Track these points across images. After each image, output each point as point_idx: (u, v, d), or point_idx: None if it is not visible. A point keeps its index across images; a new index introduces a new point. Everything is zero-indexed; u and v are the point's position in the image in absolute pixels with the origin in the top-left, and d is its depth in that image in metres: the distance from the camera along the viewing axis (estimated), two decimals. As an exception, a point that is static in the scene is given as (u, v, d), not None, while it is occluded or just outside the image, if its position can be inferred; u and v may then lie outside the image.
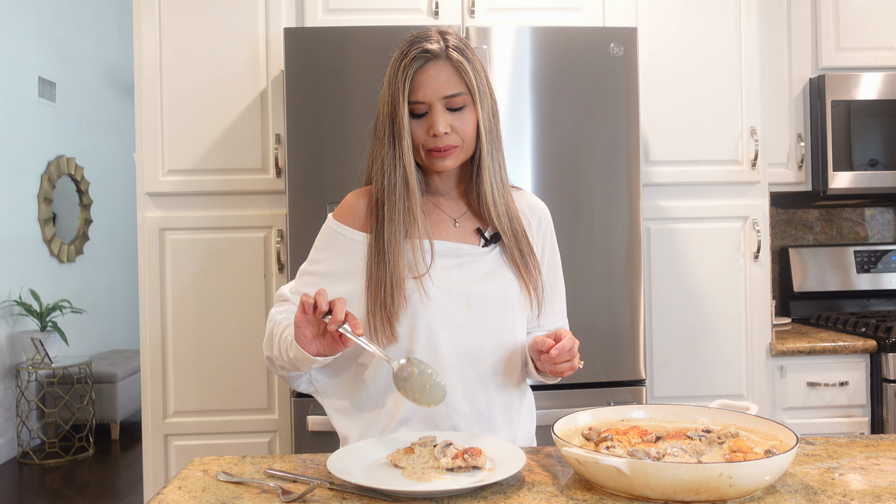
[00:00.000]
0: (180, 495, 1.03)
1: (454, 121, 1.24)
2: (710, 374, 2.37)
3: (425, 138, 1.25)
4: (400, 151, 1.24)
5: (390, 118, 1.25)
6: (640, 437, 1.09)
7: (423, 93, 1.23)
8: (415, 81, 1.23)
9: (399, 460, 1.09)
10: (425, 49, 1.23)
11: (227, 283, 2.29)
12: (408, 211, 1.25)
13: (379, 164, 1.27)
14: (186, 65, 2.28)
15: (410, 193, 1.25)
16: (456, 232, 1.31)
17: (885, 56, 2.73)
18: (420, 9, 2.34)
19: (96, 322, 5.63)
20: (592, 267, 2.11)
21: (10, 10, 4.59)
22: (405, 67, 1.23)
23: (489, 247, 1.31)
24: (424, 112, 1.24)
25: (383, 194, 1.26)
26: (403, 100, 1.23)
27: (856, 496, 0.96)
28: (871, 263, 3.02)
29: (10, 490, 3.99)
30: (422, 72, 1.23)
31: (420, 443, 1.11)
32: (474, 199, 1.32)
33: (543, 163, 2.11)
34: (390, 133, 1.25)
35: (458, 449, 1.08)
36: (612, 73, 2.12)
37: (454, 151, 1.26)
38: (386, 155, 1.25)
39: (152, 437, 2.28)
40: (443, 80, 1.23)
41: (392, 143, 1.25)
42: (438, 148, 1.24)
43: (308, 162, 2.07)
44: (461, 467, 1.06)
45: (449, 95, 1.23)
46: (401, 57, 1.25)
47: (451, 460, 1.06)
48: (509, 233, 1.31)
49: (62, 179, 5.24)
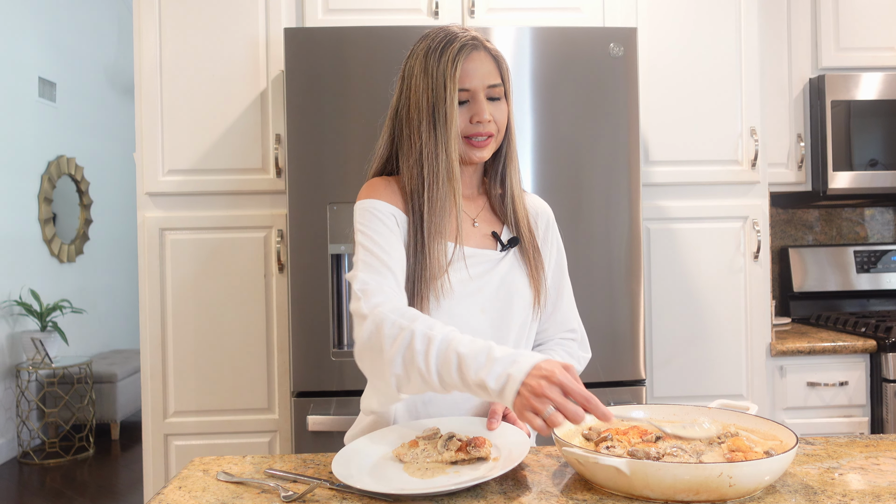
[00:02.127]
0: (180, 495, 1.03)
1: (493, 110, 1.26)
2: (710, 374, 2.37)
3: (466, 126, 1.25)
4: (446, 138, 1.23)
5: (432, 105, 1.23)
6: (640, 436, 1.09)
7: (469, 80, 1.24)
8: (462, 69, 1.24)
9: (403, 455, 1.08)
10: (472, 37, 1.25)
11: (228, 283, 2.29)
12: (452, 200, 1.25)
13: (417, 154, 1.25)
14: (186, 65, 2.28)
15: (454, 181, 1.24)
16: (474, 232, 1.32)
17: (885, 56, 2.73)
18: (420, 9, 2.34)
19: (96, 322, 5.63)
20: (592, 267, 2.11)
21: (10, 10, 4.59)
22: (454, 54, 1.23)
23: (505, 251, 1.32)
24: (466, 100, 1.25)
25: (423, 184, 1.24)
26: (454, 86, 1.22)
27: (856, 496, 0.96)
28: (870, 263, 3.02)
29: (10, 490, 3.99)
30: (469, 60, 1.24)
31: (424, 436, 1.11)
32: (497, 197, 1.34)
33: (543, 163, 2.11)
34: (431, 121, 1.24)
35: (461, 441, 1.07)
36: (612, 73, 2.12)
37: (491, 141, 1.27)
38: (425, 144, 1.24)
39: (152, 437, 2.28)
40: (486, 70, 1.25)
41: (434, 131, 1.24)
42: (480, 134, 1.25)
43: (308, 162, 2.07)
44: (465, 460, 1.05)
45: (492, 85, 1.26)
46: (440, 45, 1.24)
47: (454, 454, 1.05)
48: (526, 235, 1.33)
49: (62, 179, 5.24)
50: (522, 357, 1.02)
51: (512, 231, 1.33)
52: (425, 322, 1.09)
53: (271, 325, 2.29)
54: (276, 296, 2.29)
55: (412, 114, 1.26)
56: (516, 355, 1.03)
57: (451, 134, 1.23)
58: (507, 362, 1.02)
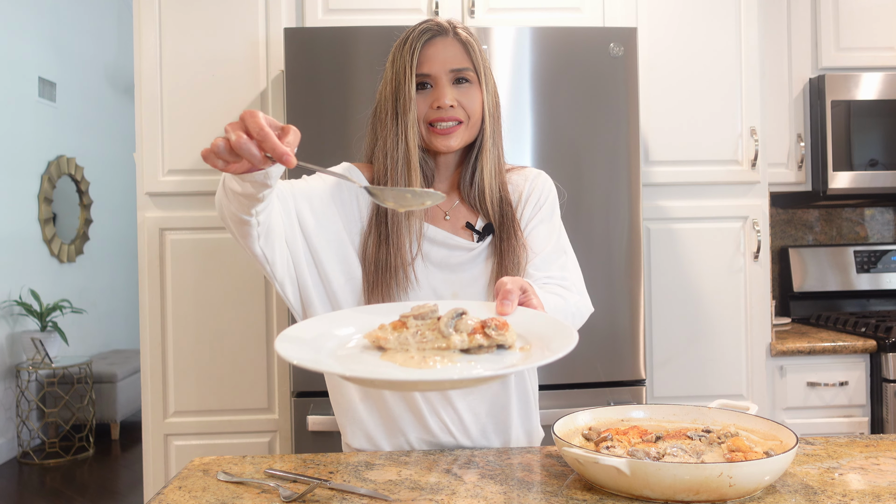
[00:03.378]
0: (180, 495, 1.03)
1: (460, 96, 1.22)
2: (710, 374, 2.37)
3: (428, 112, 1.22)
4: (404, 126, 1.21)
5: (394, 95, 1.22)
6: (640, 437, 1.09)
7: (429, 66, 1.22)
8: (422, 55, 1.21)
9: (385, 340, 0.77)
10: (435, 23, 1.23)
11: (228, 282, 2.29)
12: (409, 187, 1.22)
13: (381, 146, 1.24)
14: (186, 65, 2.28)
15: (412, 170, 1.22)
16: (447, 225, 1.29)
17: (885, 56, 2.73)
18: (420, 9, 2.34)
19: (96, 322, 5.63)
20: (592, 267, 2.11)
21: (10, 10, 4.59)
22: (413, 41, 1.22)
23: (480, 242, 1.27)
24: (428, 85, 1.23)
25: (385, 174, 1.23)
26: (411, 73, 1.20)
27: (856, 496, 0.96)
28: (870, 263, 3.02)
29: (10, 490, 3.99)
30: (429, 45, 1.22)
31: (415, 314, 0.80)
32: (466, 185, 1.29)
33: (543, 163, 2.11)
34: (393, 110, 1.22)
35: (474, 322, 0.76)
36: (612, 73, 2.12)
37: (458, 129, 1.23)
38: (388, 133, 1.22)
39: (152, 437, 2.28)
40: (450, 55, 1.22)
41: (395, 120, 1.22)
42: (443, 119, 1.21)
43: (308, 162, 2.06)
44: (483, 346, 0.76)
45: (456, 69, 1.22)
46: (406, 35, 1.24)
47: (469, 336, 0.75)
48: (498, 221, 1.27)
49: (62, 179, 5.24)
50: None
51: (486, 219, 1.29)
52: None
53: (271, 325, 2.29)
54: (277, 296, 2.29)
55: (380, 105, 1.25)
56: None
57: (409, 120, 1.20)
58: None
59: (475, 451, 1.19)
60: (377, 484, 1.04)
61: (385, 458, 1.16)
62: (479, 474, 1.07)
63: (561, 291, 1.25)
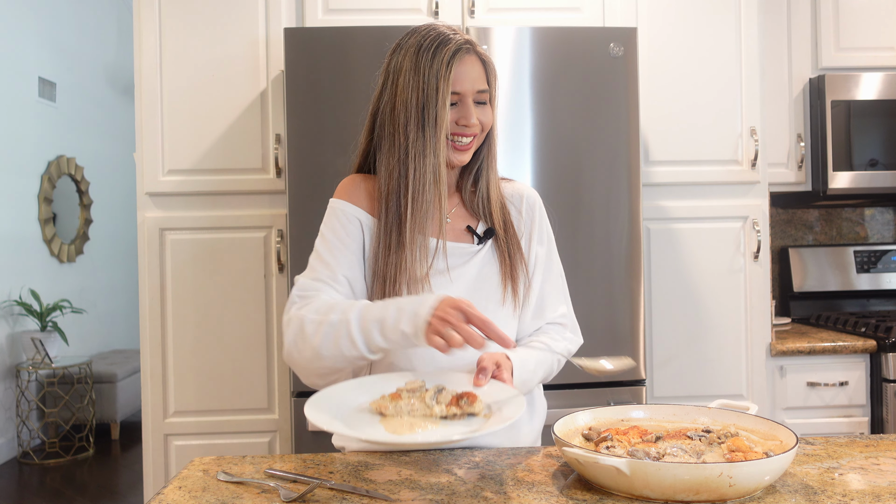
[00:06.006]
0: (180, 495, 1.03)
1: (479, 114, 1.26)
2: (710, 374, 2.37)
3: (451, 126, 1.25)
4: (435, 140, 1.22)
5: (422, 106, 1.21)
6: (640, 437, 1.09)
7: (461, 84, 1.23)
8: (455, 72, 1.22)
9: (384, 408, 1.00)
10: (466, 41, 1.24)
11: (228, 283, 2.29)
12: (437, 203, 1.24)
13: (399, 155, 1.24)
14: (186, 65, 2.28)
15: (440, 183, 1.24)
16: (448, 227, 1.32)
17: (885, 56, 2.73)
18: (420, 9, 2.34)
19: (96, 322, 5.62)
20: (592, 267, 2.11)
21: (10, 10, 4.59)
22: (449, 56, 1.22)
23: (481, 244, 1.31)
24: (455, 102, 1.24)
25: (406, 185, 1.23)
26: (447, 88, 1.21)
27: (856, 496, 0.96)
28: (870, 263, 3.02)
29: (10, 490, 3.99)
30: (462, 63, 1.23)
31: (408, 388, 1.04)
32: (468, 193, 1.34)
33: (543, 163, 2.11)
34: (420, 121, 1.22)
35: (452, 395, 1.00)
36: (612, 73, 2.12)
37: (472, 145, 1.28)
38: (412, 144, 1.22)
39: (152, 437, 2.28)
40: (476, 75, 1.25)
41: (422, 132, 1.22)
42: (465, 135, 1.25)
43: (308, 162, 2.07)
44: (456, 415, 0.98)
45: (480, 90, 1.25)
46: (433, 45, 1.22)
47: (446, 407, 0.99)
48: (501, 226, 1.32)
49: (62, 179, 5.24)
50: (426, 297, 1.10)
51: (487, 224, 1.33)
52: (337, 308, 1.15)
53: (271, 325, 2.29)
54: (276, 296, 2.29)
55: (398, 112, 1.24)
56: (421, 297, 1.10)
57: (441, 136, 1.22)
58: (414, 305, 1.09)
59: (475, 450, 1.19)
60: (377, 484, 1.04)
61: (385, 458, 1.16)
62: (479, 474, 1.07)
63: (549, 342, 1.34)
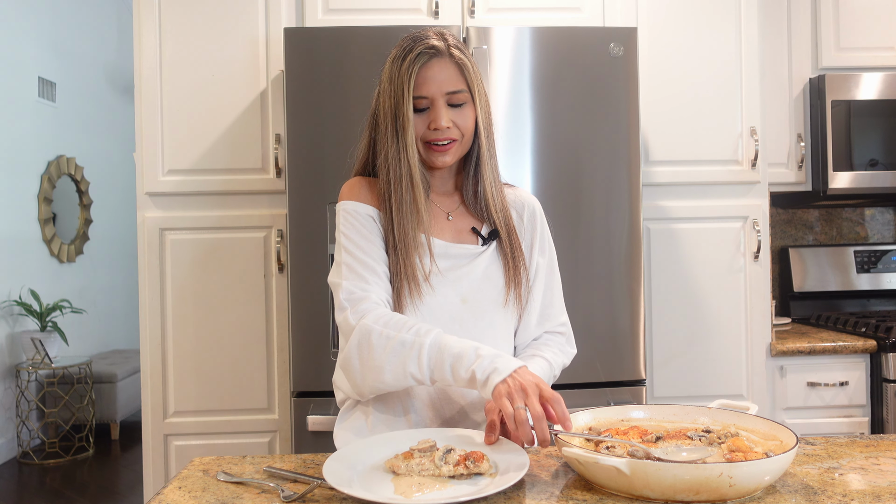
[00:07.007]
0: (180, 495, 1.03)
1: (455, 116, 1.28)
2: (710, 374, 2.37)
3: (425, 132, 1.28)
4: (404, 145, 1.26)
5: (393, 113, 1.26)
6: (641, 437, 1.09)
7: (426, 88, 1.26)
8: (419, 77, 1.25)
9: (397, 466, 1.07)
10: (430, 45, 1.26)
11: (227, 283, 2.29)
12: (413, 203, 1.27)
13: (384, 158, 1.29)
14: (186, 65, 2.28)
15: (415, 186, 1.27)
16: (449, 225, 1.34)
17: (885, 56, 2.73)
18: (420, 9, 2.34)
19: (96, 322, 5.63)
20: (592, 267, 2.11)
21: (10, 10, 4.59)
22: (410, 63, 1.25)
23: (486, 245, 1.34)
24: (426, 107, 1.27)
25: (389, 187, 1.28)
26: (409, 95, 1.25)
27: (856, 496, 0.96)
28: (871, 263, 3.02)
29: (10, 490, 3.99)
30: (426, 68, 1.26)
31: (420, 448, 1.10)
32: (469, 195, 1.36)
33: (543, 163, 2.11)
34: (393, 127, 1.27)
35: (459, 455, 1.06)
36: (612, 73, 2.12)
37: (453, 146, 1.29)
38: (390, 148, 1.27)
39: (152, 437, 2.28)
40: (445, 77, 1.26)
41: (395, 138, 1.27)
42: (439, 140, 1.27)
43: (308, 162, 2.06)
44: (463, 475, 1.04)
45: (451, 92, 1.27)
46: (403, 53, 1.27)
47: (453, 468, 1.04)
48: (504, 228, 1.35)
49: (62, 179, 5.24)
50: (507, 357, 1.15)
51: (490, 226, 1.35)
52: (412, 329, 1.18)
53: (271, 325, 2.29)
54: (276, 296, 2.29)
55: (380, 118, 1.29)
56: (501, 354, 1.15)
57: (409, 140, 1.26)
58: (492, 358, 1.14)
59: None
60: (377, 484, 1.04)
61: (385, 458, 1.16)
62: (479, 474, 1.07)
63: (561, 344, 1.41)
